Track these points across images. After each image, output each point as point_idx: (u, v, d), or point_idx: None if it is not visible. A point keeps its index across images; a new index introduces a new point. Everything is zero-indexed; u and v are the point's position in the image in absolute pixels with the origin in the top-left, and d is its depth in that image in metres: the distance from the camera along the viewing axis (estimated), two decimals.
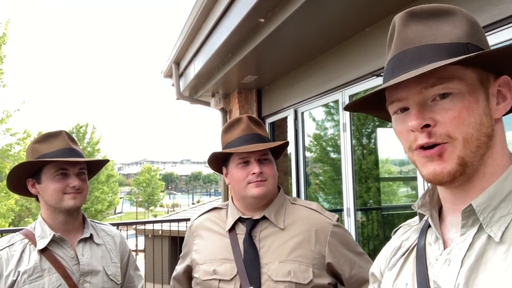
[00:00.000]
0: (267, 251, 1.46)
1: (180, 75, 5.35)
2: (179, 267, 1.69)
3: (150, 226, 10.53)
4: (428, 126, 0.68)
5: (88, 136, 23.97)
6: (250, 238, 1.49)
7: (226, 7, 3.25)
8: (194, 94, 5.67)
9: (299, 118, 4.41)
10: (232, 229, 1.54)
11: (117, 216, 42.12)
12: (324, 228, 1.49)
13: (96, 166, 1.77)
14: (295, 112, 4.41)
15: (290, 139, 4.49)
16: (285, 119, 4.74)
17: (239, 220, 1.54)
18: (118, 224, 5.07)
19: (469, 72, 0.69)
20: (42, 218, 1.59)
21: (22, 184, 1.61)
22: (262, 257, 1.45)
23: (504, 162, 0.72)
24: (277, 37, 3.15)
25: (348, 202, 3.51)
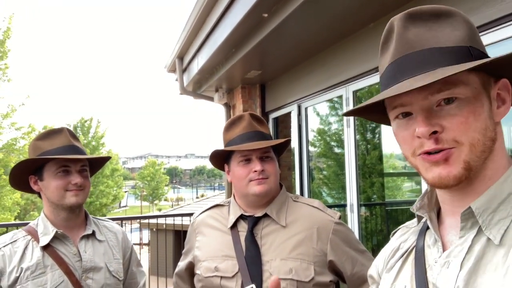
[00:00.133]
0: (269, 249, 1.46)
1: (183, 70, 5.34)
2: (182, 264, 1.70)
3: (154, 221, 10.62)
4: (435, 132, 0.68)
5: (92, 130, 24.06)
6: (252, 236, 1.49)
7: (230, 2, 3.24)
8: (197, 89, 5.66)
9: (303, 113, 4.39)
10: (234, 226, 1.54)
11: (121, 209, 42.36)
12: (326, 226, 1.49)
13: (98, 162, 1.77)
14: (299, 107, 4.40)
15: (294, 135, 4.48)
16: (288, 115, 4.73)
17: (241, 217, 1.55)
18: (122, 218, 5.12)
19: (472, 76, 0.68)
20: (45, 214, 1.60)
21: (24, 181, 1.62)
22: (263, 254, 1.45)
23: (503, 164, 0.71)
24: (280, 32, 3.13)
25: (351, 197, 3.51)
